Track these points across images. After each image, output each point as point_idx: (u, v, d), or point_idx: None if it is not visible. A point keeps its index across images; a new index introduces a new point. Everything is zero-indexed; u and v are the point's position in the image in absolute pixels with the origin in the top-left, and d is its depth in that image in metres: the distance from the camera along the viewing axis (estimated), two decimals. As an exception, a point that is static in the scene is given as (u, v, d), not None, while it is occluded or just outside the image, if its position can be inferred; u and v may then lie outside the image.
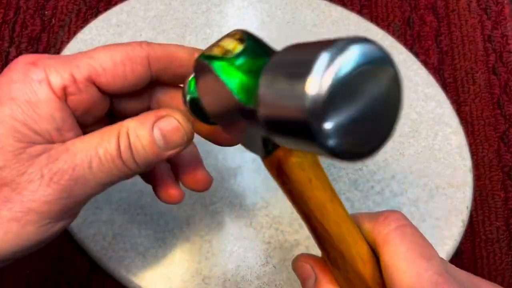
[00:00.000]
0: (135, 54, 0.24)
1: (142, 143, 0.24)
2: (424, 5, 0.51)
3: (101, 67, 0.24)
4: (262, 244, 0.39)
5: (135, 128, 0.24)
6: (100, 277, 0.39)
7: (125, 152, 0.23)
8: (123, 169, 0.24)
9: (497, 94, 0.47)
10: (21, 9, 0.49)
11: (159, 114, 0.24)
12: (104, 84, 0.24)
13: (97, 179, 0.23)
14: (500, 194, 0.43)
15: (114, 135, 0.24)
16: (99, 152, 0.23)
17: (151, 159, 0.24)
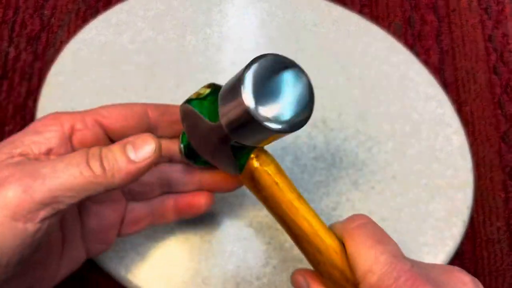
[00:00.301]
0: (134, 104, 0.30)
1: (112, 152, 0.26)
2: (425, 4, 0.50)
3: (107, 111, 0.29)
4: (262, 245, 0.39)
5: (109, 146, 0.26)
6: (100, 277, 0.39)
7: (93, 158, 0.25)
8: (87, 174, 0.25)
9: (498, 94, 0.47)
10: (20, 8, 0.49)
11: (133, 136, 0.27)
12: (108, 124, 0.29)
13: (58, 180, 0.24)
14: (501, 194, 0.43)
15: (85, 149, 0.26)
16: (65, 158, 0.25)
17: (122, 167, 0.25)
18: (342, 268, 0.27)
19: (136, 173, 0.26)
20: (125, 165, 0.25)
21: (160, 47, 0.46)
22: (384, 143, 0.43)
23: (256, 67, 0.24)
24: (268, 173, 0.28)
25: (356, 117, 0.44)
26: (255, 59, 0.24)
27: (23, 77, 0.46)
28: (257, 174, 0.29)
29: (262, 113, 0.23)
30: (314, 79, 0.45)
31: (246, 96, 0.23)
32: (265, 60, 0.24)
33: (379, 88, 0.45)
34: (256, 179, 0.29)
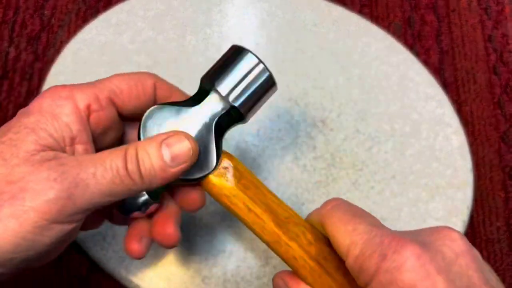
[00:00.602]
0: (145, 79, 0.28)
1: (149, 156, 0.25)
2: (425, 4, 0.51)
3: (118, 88, 0.27)
4: (262, 245, 0.39)
5: (144, 144, 0.25)
6: (100, 277, 0.39)
7: (131, 163, 0.25)
8: (126, 181, 0.25)
9: (497, 94, 0.47)
10: (20, 8, 0.49)
11: (168, 133, 0.26)
12: (121, 103, 0.28)
13: (99, 187, 0.24)
14: (501, 194, 0.43)
15: (123, 149, 0.25)
16: (105, 163, 0.24)
17: (157, 173, 0.25)
18: (311, 255, 0.27)
19: (172, 177, 0.26)
20: (161, 171, 0.25)
21: (160, 47, 0.46)
22: (384, 143, 0.43)
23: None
24: (223, 194, 0.29)
25: (356, 117, 0.44)
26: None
27: (23, 77, 0.46)
28: (214, 192, 0.29)
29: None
30: (314, 79, 0.45)
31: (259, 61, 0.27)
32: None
33: (379, 88, 0.45)
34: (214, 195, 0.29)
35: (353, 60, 0.46)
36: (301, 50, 0.47)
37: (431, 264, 0.22)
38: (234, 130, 0.43)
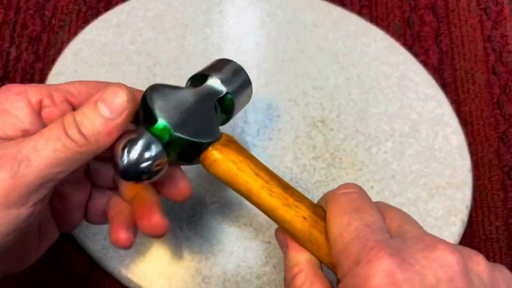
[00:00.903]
0: (109, 83, 0.27)
1: (86, 116, 0.24)
2: (424, 5, 0.51)
3: (76, 90, 0.27)
4: (262, 244, 0.39)
5: (80, 109, 0.25)
6: (100, 277, 0.39)
7: (69, 128, 0.24)
8: (70, 145, 0.24)
9: (497, 94, 0.47)
10: (21, 9, 0.49)
11: (102, 89, 0.25)
12: (78, 104, 0.27)
13: (43, 158, 0.23)
14: (500, 194, 0.43)
15: (60, 119, 0.25)
16: (44, 135, 0.24)
17: (100, 129, 0.24)
18: (303, 232, 0.27)
19: (117, 129, 0.25)
20: (104, 126, 0.24)
21: (160, 47, 0.46)
22: (383, 143, 0.43)
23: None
24: (229, 166, 0.28)
25: (356, 117, 0.44)
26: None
27: (24, 78, 0.46)
28: (215, 166, 0.28)
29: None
30: (314, 79, 0.46)
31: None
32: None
33: (378, 88, 0.45)
34: (215, 169, 0.28)
35: (353, 60, 0.46)
36: (300, 50, 0.47)
37: (402, 285, 0.21)
38: (234, 130, 0.43)
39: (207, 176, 0.41)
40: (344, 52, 0.47)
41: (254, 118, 0.44)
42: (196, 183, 0.41)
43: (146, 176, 0.26)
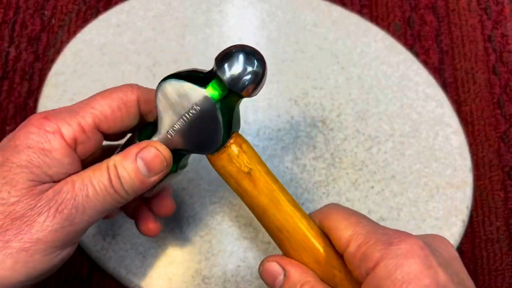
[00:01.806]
0: (128, 99, 0.29)
1: (128, 172, 0.27)
2: (425, 4, 0.51)
3: (102, 114, 0.28)
4: (262, 244, 0.39)
5: (120, 161, 0.27)
6: (100, 277, 0.39)
7: (115, 182, 0.26)
8: (115, 197, 0.27)
9: (497, 94, 0.47)
10: (20, 8, 0.49)
11: (140, 146, 0.28)
12: (106, 129, 0.28)
13: (94, 207, 0.26)
14: (500, 194, 0.43)
15: (104, 168, 0.27)
16: (93, 183, 0.26)
17: (138, 185, 0.27)
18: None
19: (151, 186, 0.28)
20: (140, 183, 0.27)
21: (160, 47, 0.46)
22: (384, 143, 0.43)
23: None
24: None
25: (356, 117, 0.44)
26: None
27: (23, 77, 0.46)
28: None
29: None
30: (314, 79, 0.45)
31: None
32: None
33: (378, 88, 0.45)
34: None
35: (353, 60, 0.46)
36: (300, 50, 0.47)
37: (432, 257, 0.23)
38: (234, 130, 0.43)
39: (207, 176, 0.41)
40: (344, 52, 0.47)
41: (254, 118, 0.44)
42: (196, 183, 0.41)
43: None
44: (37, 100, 0.44)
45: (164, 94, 0.28)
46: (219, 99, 0.27)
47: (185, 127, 0.28)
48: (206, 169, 0.41)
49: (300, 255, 0.28)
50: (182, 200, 0.40)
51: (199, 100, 0.27)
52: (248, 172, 0.29)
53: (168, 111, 0.28)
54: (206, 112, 0.27)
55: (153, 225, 0.33)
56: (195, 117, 0.28)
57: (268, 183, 0.29)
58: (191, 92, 0.27)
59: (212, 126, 0.28)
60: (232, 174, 0.29)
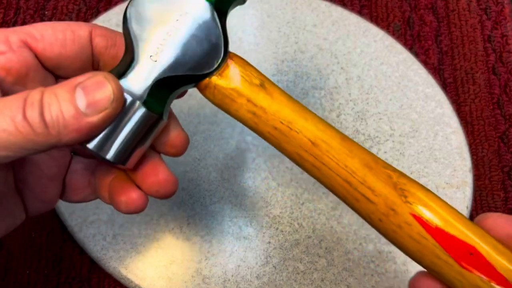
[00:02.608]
0: (78, 27, 0.24)
1: (57, 100, 0.20)
2: (424, 5, 0.51)
3: (39, 33, 0.23)
4: (262, 244, 0.39)
5: (54, 87, 0.20)
6: (100, 277, 0.39)
7: (31, 108, 0.19)
8: (24, 129, 0.19)
9: (497, 94, 0.47)
10: (21, 9, 0.49)
11: (86, 75, 0.21)
12: (42, 49, 0.23)
13: None
14: (500, 194, 0.43)
15: (25, 93, 0.20)
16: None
17: (68, 122, 0.20)
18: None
19: (88, 129, 0.20)
20: (74, 120, 0.20)
21: (160, 48, 0.46)
22: (383, 143, 0.43)
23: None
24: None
25: (355, 117, 0.44)
26: None
27: (24, 78, 0.46)
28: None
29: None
30: (314, 80, 0.45)
31: None
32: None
33: (378, 88, 0.45)
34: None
35: (353, 60, 0.46)
36: (300, 51, 0.47)
37: None
38: (234, 130, 0.43)
39: (207, 176, 0.41)
40: (344, 52, 0.47)
41: (254, 118, 0.44)
42: (196, 183, 0.41)
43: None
44: (37, 100, 0.44)
45: (140, 11, 0.23)
46: (213, 1, 0.23)
47: (175, 43, 0.23)
48: (206, 169, 0.42)
49: (345, 161, 0.22)
50: (182, 200, 0.40)
51: (190, 4, 0.23)
52: (261, 84, 0.23)
53: (147, 31, 0.22)
54: (200, 17, 0.23)
55: (136, 194, 0.24)
56: (187, 28, 0.23)
57: (284, 92, 0.23)
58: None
59: (210, 33, 0.23)
60: (243, 92, 0.23)
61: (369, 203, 0.22)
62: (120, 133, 0.22)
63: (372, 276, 0.38)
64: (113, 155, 0.22)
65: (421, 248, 0.21)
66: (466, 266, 0.21)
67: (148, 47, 0.22)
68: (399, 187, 0.22)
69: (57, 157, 0.26)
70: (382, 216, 0.22)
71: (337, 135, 0.23)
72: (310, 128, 0.23)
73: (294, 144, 0.23)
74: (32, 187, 0.26)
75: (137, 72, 0.22)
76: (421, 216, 0.21)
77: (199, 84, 0.24)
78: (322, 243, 0.39)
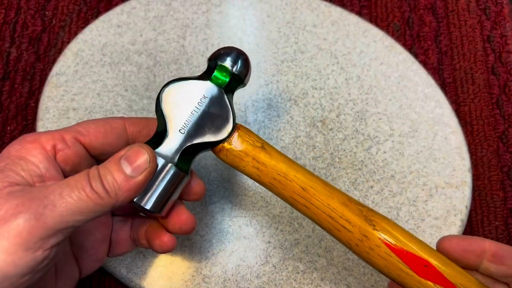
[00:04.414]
0: (113, 121, 0.30)
1: (109, 171, 0.26)
2: (424, 5, 0.51)
3: (85, 129, 0.29)
4: (262, 244, 0.39)
5: (104, 164, 0.27)
6: (100, 277, 0.39)
7: (94, 180, 0.26)
8: (93, 196, 0.25)
9: (496, 94, 0.47)
10: (22, 9, 0.49)
11: (125, 149, 0.27)
12: (88, 142, 0.29)
13: (66, 205, 0.25)
14: (499, 193, 0.43)
15: (86, 171, 0.26)
16: (70, 183, 0.25)
17: (121, 185, 0.26)
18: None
19: (137, 187, 0.27)
20: (125, 183, 0.26)
21: (160, 48, 0.46)
22: (383, 143, 0.43)
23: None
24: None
25: (355, 117, 0.44)
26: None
27: (24, 78, 0.46)
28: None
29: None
30: (313, 80, 0.46)
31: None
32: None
33: (378, 89, 0.45)
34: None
35: (352, 60, 0.46)
36: (300, 51, 0.47)
37: None
38: (234, 130, 0.43)
39: (207, 176, 0.41)
40: (343, 53, 0.47)
41: (254, 118, 0.44)
42: (196, 183, 0.41)
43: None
44: (38, 100, 0.45)
45: (169, 96, 0.30)
46: (224, 86, 0.30)
47: (197, 118, 0.30)
48: (206, 169, 0.42)
49: (327, 201, 0.29)
50: (183, 200, 0.41)
51: (207, 90, 0.30)
52: (262, 146, 0.30)
53: (175, 111, 0.30)
54: (215, 99, 0.30)
55: (167, 237, 0.31)
56: (205, 107, 0.30)
57: (279, 152, 0.31)
58: (197, 86, 0.30)
59: (222, 111, 0.30)
60: (249, 152, 0.30)
61: (348, 232, 0.28)
62: (157, 188, 0.28)
63: (371, 275, 0.39)
64: (151, 206, 0.28)
65: (388, 264, 0.28)
66: (423, 276, 0.27)
67: (177, 123, 0.30)
68: (369, 218, 0.28)
69: (104, 221, 0.33)
70: (358, 241, 0.28)
71: (320, 181, 0.30)
72: (301, 177, 0.29)
73: (289, 190, 0.30)
74: (87, 249, 0.32)
75: (169, 142, 0.29)
76: (386, 240, 0.28)
77: (214, 148, 0.31)
78: (322, 243, 0.39)
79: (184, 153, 0.29)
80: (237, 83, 0.31)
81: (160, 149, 0.29)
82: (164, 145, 0.29)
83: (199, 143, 0.30)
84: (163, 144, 0.29)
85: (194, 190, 0.31)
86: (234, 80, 0.31)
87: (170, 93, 0.30)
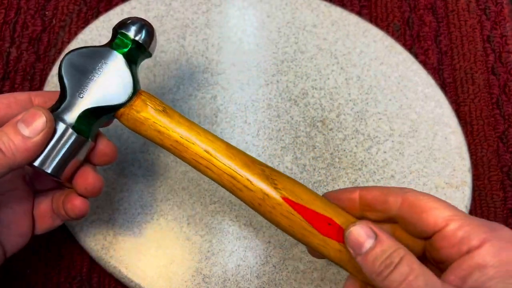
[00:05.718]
0: (18, 93, 0.31)
1: (6, 133, 0.27)
2: (424, 5, 0.51)
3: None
4: (262, 244, 0.39)
5: (1, 127, 0.28)
6: (100, 276, 0.39)
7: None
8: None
9: (496, 94, 0.47)
10: (22, 9, 0.49)
11: (22, 113, 0.28)
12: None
13: None
14: (499, 194, 0.43)
15: None
16: None
17: (18, 145, 0.27)
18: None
19: (35, 148, 0.28)
20: (22, 143, 0.27)
21: (160, 48, 0.46)
22: (383, 143, 0.43)
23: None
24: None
25: (355, 117, 0.44)
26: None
27: (24, 78, 0.46)
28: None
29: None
30: (313, 80, 0.46)
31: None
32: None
33: (378, 89, 0.45)
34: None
35: (352, 60, 0.46)
36: (300, 51, 0.47)
37: None
38: (234, 130, 0.43)
39: (207, 176, 0.41)
40: (343, 53, 0.47)
41: (254, 118, 0.44)
42: (196, 183, 0.41)
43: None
44: (38, 100, 0.45)
45: (70, 62, 0.30)
46: (124, 52, 0.31)
47: (97, 83, 0.30)
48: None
49: (230, 164, 0.29)
50: (182, 200, 0.41)
51: (107, 56, 0.31)
52: (163, 110, 0.31)
53: (75, 76, 0.30)
54: (115, 65, 0.31)
55: (78, 201, 0.31)
56: (104, 72, 0.31)
57: (182, 115, 0.31)
58: (97, 52, 0.31)
59: (122, 76, 0.31)
60: (149, 116, 0.30)
61: (249, 191, 0.29)
62: (56, 152, 0.29)
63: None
64: (51, 169, 0.29)
65: (291, 223, 0.28)
66: (326, 234, 0.27)
67: (76, 87, 0.30)
68: (271, 178, 0.29)
69: (23, 196, 0.33)
70: (260, 200, 0.28)
71: (222, 143, 0.30)
72: (202, 140, 0.30)
73: (190, 153, 0.30)
74: (8, 224, 0.32)
75: (68, 105, 0.30)
76: (288, 197, 0.28)
77: (116, 113, 0.31)
78: (322, 243, 0.39)
79: (84, 117, 0.30)
80: (140, 52, 0.32)
81: (59, 113, 0.30)
82: (63, 108, 0.30)
83: (98, 106, 0.30)
84: (62, 108, 0.30)
85: (103, 151, 0.32)
86: (137, 48, 0.32)
87: (71, 60, 0.30)
